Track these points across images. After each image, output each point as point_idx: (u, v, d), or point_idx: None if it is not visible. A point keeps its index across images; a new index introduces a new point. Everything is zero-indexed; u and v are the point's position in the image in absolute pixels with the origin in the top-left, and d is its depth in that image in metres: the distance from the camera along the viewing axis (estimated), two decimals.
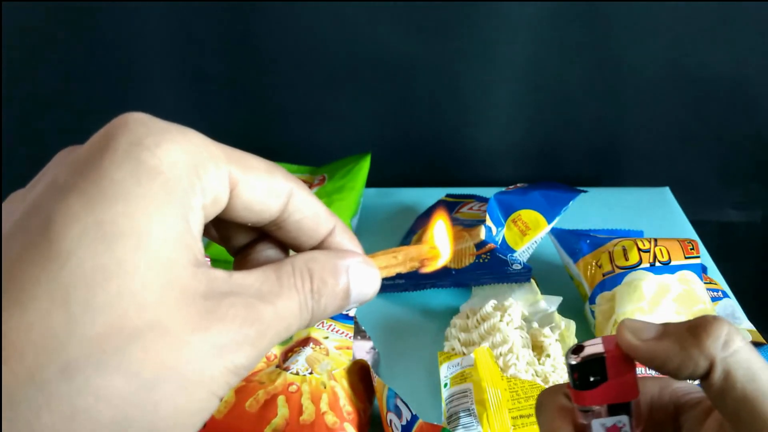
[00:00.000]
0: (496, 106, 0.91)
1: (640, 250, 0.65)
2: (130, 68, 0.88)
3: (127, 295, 0.18)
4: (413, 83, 0.90)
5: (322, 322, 0.62)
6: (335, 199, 0.79)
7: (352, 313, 0.65)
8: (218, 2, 0.84)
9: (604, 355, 0.27)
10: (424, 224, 0.81)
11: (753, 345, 0.67)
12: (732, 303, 0.69)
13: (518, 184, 0.82)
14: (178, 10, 0.84)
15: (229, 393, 0.53)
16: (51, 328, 0.17)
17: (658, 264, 0.64)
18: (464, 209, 0.79)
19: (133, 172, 0.19)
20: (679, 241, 0.66)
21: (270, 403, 0.52)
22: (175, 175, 0.19)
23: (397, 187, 0.94)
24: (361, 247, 0.25)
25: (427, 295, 0.74)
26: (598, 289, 0.65)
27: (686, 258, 0.65)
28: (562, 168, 0.96)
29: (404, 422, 0.51)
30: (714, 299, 0.67)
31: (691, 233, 0.84)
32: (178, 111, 0.90)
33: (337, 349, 0.60)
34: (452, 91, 0.90)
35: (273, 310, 0.21)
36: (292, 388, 0.54)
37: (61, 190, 0.18)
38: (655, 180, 0.94)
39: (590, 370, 0.27)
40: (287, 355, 0.58)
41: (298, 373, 0.55)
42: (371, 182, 0.85)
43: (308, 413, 0.52)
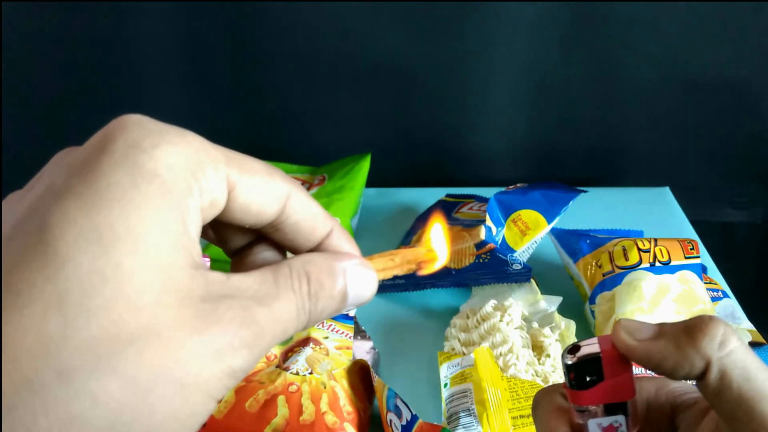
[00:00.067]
0: (496, 106, 0.91)
1: (640, 250, 0.65)
2: (131, 68, 0.89)
3: (124, 299, 0.18)
4: (413, 83, 0.90)
5: (322, 322, 0.62)
6: (335, 199, 0.79)
7: (352, 313, 0.65)
8: (218, 2, 0.84)
9: (600, 355, 0.27)
10: (423, 225, 0.81)
11: (753, 345, 0.67)
12: (732, 303, 0.69)
13: (518, 184, 0.82)
14: (178, 11, 0.84)
15: (229, 393, 0.53)
16: (47, 332, 0.17)
17: (658, 264, 0.64)
18: (464, 209, 0.80)
19: (131, 174, 0.19)
20: (679, 241, 0.66)
21: (270, 403, 0.52)
22: (173, 177, 0.19)
23: (397, 187, 0.94)
24: (358, 250, 0.25)
25: (427, 295, 0.74)
26: (598, 289, 0.65)
27: (686, 258, 0.65)
28: (562, 168, 0.96)
29: (404, 422, 0.51)
30: (714, 299, 0.67)
31: (691, 233, 0.84)
32: (178, 111, 0.91)
33: (337, 349, 0.60)
34: (452, 91, 0.90)
35: (270, 312, 0.21)
36: (292, 388, 0.54)
37: (58, 193, 0.18)
38: (655, 180, 0.94)
39: (586, 370, 0.27)
40: (287, 355, 0.58)
41: (298, 373, 0.55)
42: (371, 182, 0.85)
43: (308, 413, 0.52)
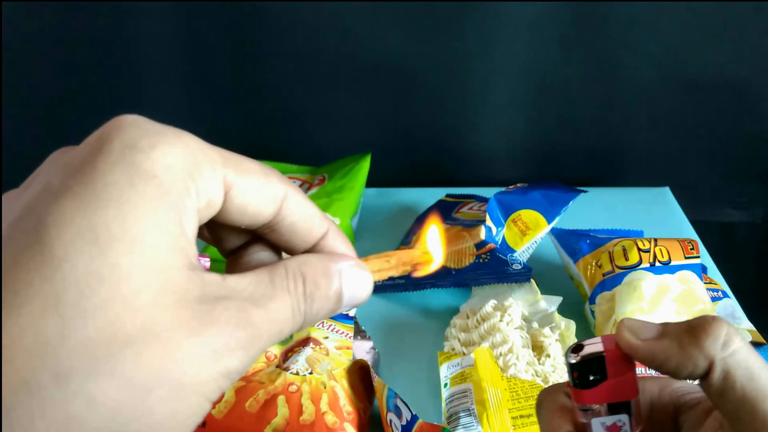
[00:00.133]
0: (496, 106, 0.91)
1: (640, 250, 0.65)
2: (131, 68, 0.88)
3: (120, 300, 0.18)
4: (413, 83, 0.90)
5: (322, 322, 0.62)
6: (335, 199, 0.79)
7: (352, 314, 0.65)
8: (218, 2, 0.84)
9: (604, 354, 0.27)
10: (421, 226, 0.81)
11: (753, 345, 0.67)
12: (732, 303, 0.69)
13: (518, 184, 0.82)
14: (178, 11, 0.84)
15: (230, 393, 0.53)
16: (44, 334, 0.17)
17: (658, 264, 0.64)
18: (464, 209, 0.79)
19: (128, 175, 0.19)
20: (679, 241, 0.66)
21: (270, 403, 0.52)
22: (170, 178, 0.19)
23: (397, 187, 0.94)
24: (354, 251, 0.25)
25: (427, 295, 0.74)
26: (598, 289, 0.65)
27: (686, 258, 0.65)
28: (562, 168, 0.96)
29: (404, 422, 0.51)
30: (714, 299, 0.67)
31: (691, 233, 0.84)
32: (178, 111, 0.91)
33: (337, 349, 0.60)
34: (452, 91, 0.90)
35: (266, 314, 0.21)
36: (292, 388, 0.54)
37: (54, 193, 0.18)
38: (655, 180, 0.95)
39: (590, 369, 0.27)
40: (287, 355, 0.58)
41: (298, 373, 0.55)
42: (371, 182, 0.85)
43: (308, 413, 0.52)
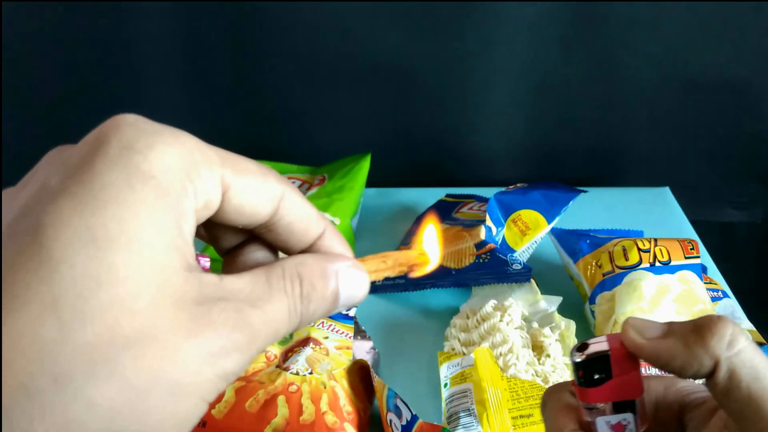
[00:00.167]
0: (496, 106, 0.91)
1: (640, 250, 0.65)
2: (131, 68, 0.88)
3: (119, 303, 0.18)
4: (413, 83, 0.90)
5: (322, 322, 0.62)
6: (335, 199, 0.79)
7: (352, 313, 0.65)
8: (218, 2, 0.84)
9: (609, 353, 0.27)
10: (419, 227, 0.81)
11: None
12: (732, 303, 0.69)
13: (518, 184, 0.82)
14: (178, 11, 0.84)
15: (229, 393, 0.53)
16: (42, 337, 0.17)
17: (658, 264, 0.64)
18: (464, 209, 0.79)
19: (125, 175, 0.18)
20: (679, 241, 0.66)
21: (270, 403, 0.52)
22: (168, 178, 0.19)
23: (397, 187, 0.94)
24: (351, 251, 0.25)
25: (427, 295, 0.74)
26: (598, 289, 0.65)
27: (686, 258, 0.65)
28: (562, 168, 0.96)
29: (404, 422, 0.51)
30: (714, 299, 0.67)
31: (691, 233, 0.84)
32: (178, 111, 0.90)
33: (337, 349, 0.60)
34: (452, 91, 0.90)
35: (263, 315, 0.21)
36: (292, 388, 0.53)
37: (52, 194, 0.18)
38: (655, 180, 0.95)
39: (595, 368, 0.27)
40: (287, 355, 0.58)
41: (298, 373, 0.55)
42: (371, 182, 0.85)
43: (308, 413, 0.52)
